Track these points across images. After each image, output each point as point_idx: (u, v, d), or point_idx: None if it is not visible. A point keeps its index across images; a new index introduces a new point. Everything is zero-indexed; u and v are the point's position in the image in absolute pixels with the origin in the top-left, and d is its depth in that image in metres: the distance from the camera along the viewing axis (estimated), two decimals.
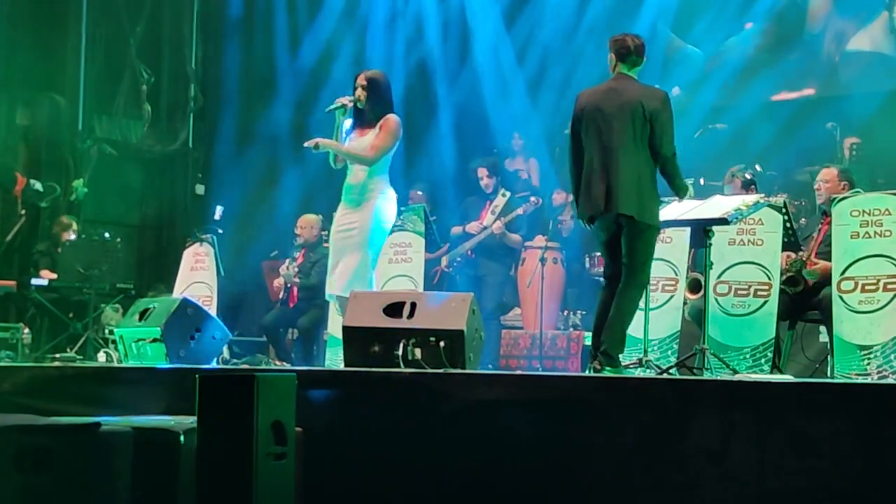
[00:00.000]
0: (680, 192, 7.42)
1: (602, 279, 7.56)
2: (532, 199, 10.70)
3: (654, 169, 7.18)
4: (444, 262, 10.69)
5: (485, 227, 10.57)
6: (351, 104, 8.02)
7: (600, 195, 7.16)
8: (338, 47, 13.79)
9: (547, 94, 12.65)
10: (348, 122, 8.10)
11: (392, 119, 7.96)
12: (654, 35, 11.70)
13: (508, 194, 10.70)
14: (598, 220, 7.28)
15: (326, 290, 8.15)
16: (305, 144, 8.05)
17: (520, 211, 10.50)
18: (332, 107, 8.07)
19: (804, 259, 8.15)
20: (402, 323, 7.10)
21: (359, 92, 8.00)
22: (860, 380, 7.46)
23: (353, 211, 8.00)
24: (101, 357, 10.17)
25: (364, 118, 8.02)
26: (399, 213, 8.75)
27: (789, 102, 11.64)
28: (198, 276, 10.95)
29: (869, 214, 7.81)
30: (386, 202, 8.00)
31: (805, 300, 8.25)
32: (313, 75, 13.65)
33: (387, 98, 8.05)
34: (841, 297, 7.75)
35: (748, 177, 9.14)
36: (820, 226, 8.31)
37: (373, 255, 8.01)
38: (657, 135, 7.09)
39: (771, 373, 7.84)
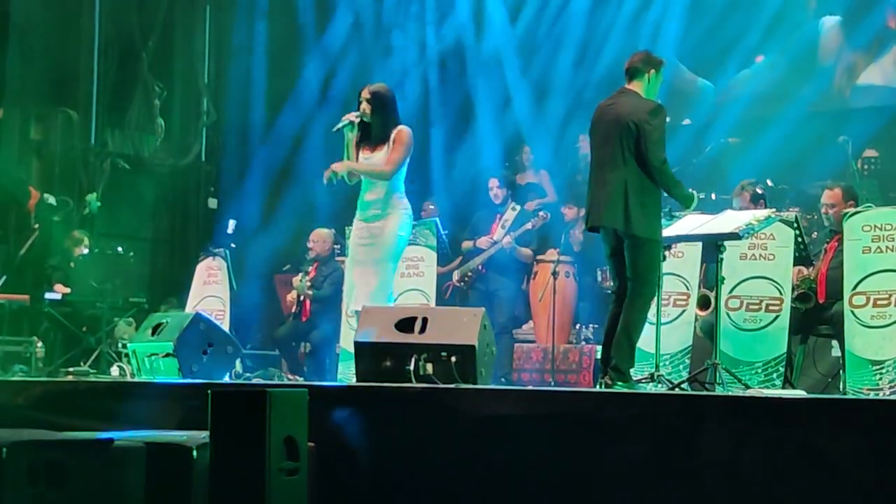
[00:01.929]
0: (682, 201, 7.38)
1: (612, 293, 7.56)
2: (541, 213, 10.66)
3: (649, 182, 7.17)
4: (455, 276, 10.68)
5: (495, 242, 10.55)
6: (358, 120, 8.01)
7: (590, 207, 7.28)
8: (348, 61, 13.82)
9: (558, 111, 12.68)
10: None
11: (404, 131, 7.97)
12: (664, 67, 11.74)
13: (518, 208, 10.67)
14: (601, 233, 7.33)
15: (352, 306, 8.12)
16: (325, 180, 8.03)
17: (528, 226, 10.48)
18: (339, 126, 8.04)
19: (813, 277, 8.16)
20: (414, 338, 7.11)
21: (363, 106, 7.99)
22: (872, 395, 7.45)
23: (371, 226, 8.00)
24: (115, 371, 10.19)
25: (371, 132, 8.02)
26: (411, 226, 8.76)
27: (800, 117, 11.62)
28: (210, 289, 10.98)
29: (881, 229, 7.79)
30: (404, 217, 8.01)
31: (817, 315, 8.25)
32: (324, 89, 13.68)
33: (392, 110, 8.04)
34: (853, 312, 7.74)
35: (759, 191, 9.14)
36: (828, 243, 8.31)
37: (393, 269, 8.03)
38: (642, 145, 7.11)
39: (783, 387, 7.83)
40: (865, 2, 11.63)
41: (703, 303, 8.42)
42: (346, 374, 9.10)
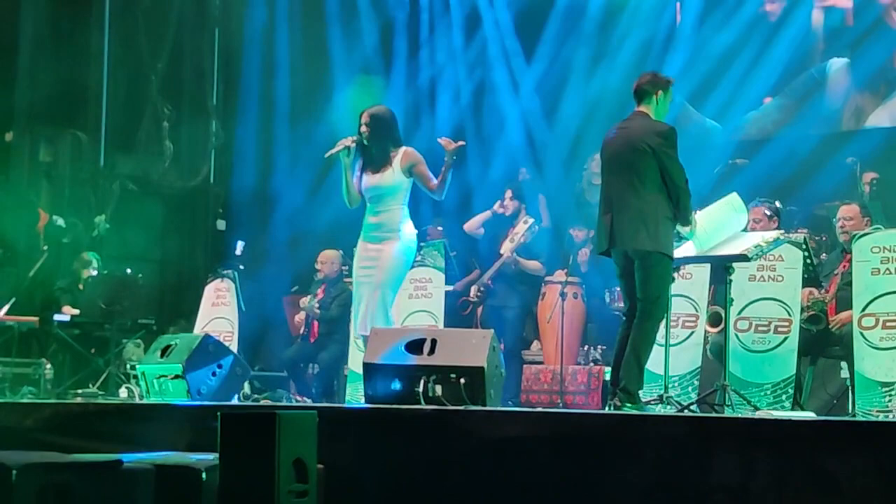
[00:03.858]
0: (682, 222, 7.35)
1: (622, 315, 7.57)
2: (533, 228, 10.58)
3: (664, 203, 7.19)
4: (472, 291, 10.65)
5: (500, 255, 10.52)
6: (354, 144, 7.97)
7: (605, 230, 7.27)
8: (360, 80, 13.86)
9: (565, 134, 12.71)
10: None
11: (412, 152, 7.97)
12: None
13: (531, 220, 10.60)
14: (613, 254, 7.33)
15: (358, 329, 8.11)
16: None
17: (522, 239, 10.42)
18: (333, 151, 7.99)
19: (826, 300, 8.15)
20: (423, 360, 7.11)
21: (363, 129, 7.97)
22: (881, 416, 7.44)
23: (372, 246, 7.96)
24: (123, 392, 10.19)
25: (371, 155, 7.99)
26: (419, 248, 8.74)
27: (809, 138, 11.63)
28: (219, 311, 11.00)
29: (889, 251, 7.80)
30: (407, 244, 7.97)
31: (826, 336, 8.24)
32: (334, 111, 13.70)
33: (392, 132, 8.01)
34: (862, 334, 7.74)
35: (767, 213, 9.14)
36: (840, 264, 8.31)
37: (392, 295, 7.99)
38: (665, 169, 7.15)
39: (792, 409, 7.83)
40: (873, 44, 11.61)
41: (715, 320, 8.41)
42: (355, 396, 9.11)
